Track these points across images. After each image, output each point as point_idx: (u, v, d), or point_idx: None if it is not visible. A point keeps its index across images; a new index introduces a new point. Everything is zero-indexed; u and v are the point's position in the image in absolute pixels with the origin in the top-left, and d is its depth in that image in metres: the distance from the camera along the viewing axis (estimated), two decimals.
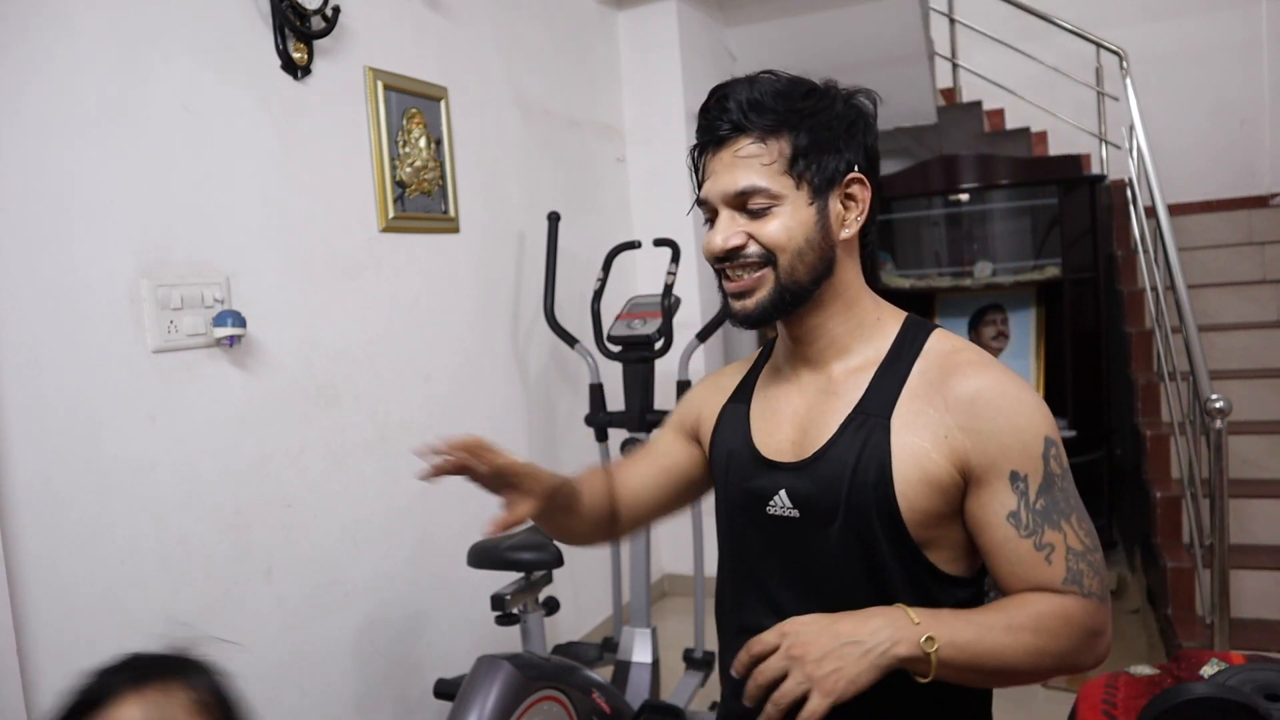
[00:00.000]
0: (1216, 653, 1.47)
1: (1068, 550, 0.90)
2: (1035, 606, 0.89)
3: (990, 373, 0.93)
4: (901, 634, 0.84)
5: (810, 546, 0.98)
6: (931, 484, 0.92)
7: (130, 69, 1.70)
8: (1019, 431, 0.90)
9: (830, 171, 0.95)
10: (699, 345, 2.53)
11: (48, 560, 1.53)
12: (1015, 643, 0.87)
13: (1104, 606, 0.91)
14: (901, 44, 4.10)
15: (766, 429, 1.04)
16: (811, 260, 0.95)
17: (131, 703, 0.74)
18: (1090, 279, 3.85)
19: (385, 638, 2.26)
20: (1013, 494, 0.90)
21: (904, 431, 0.93)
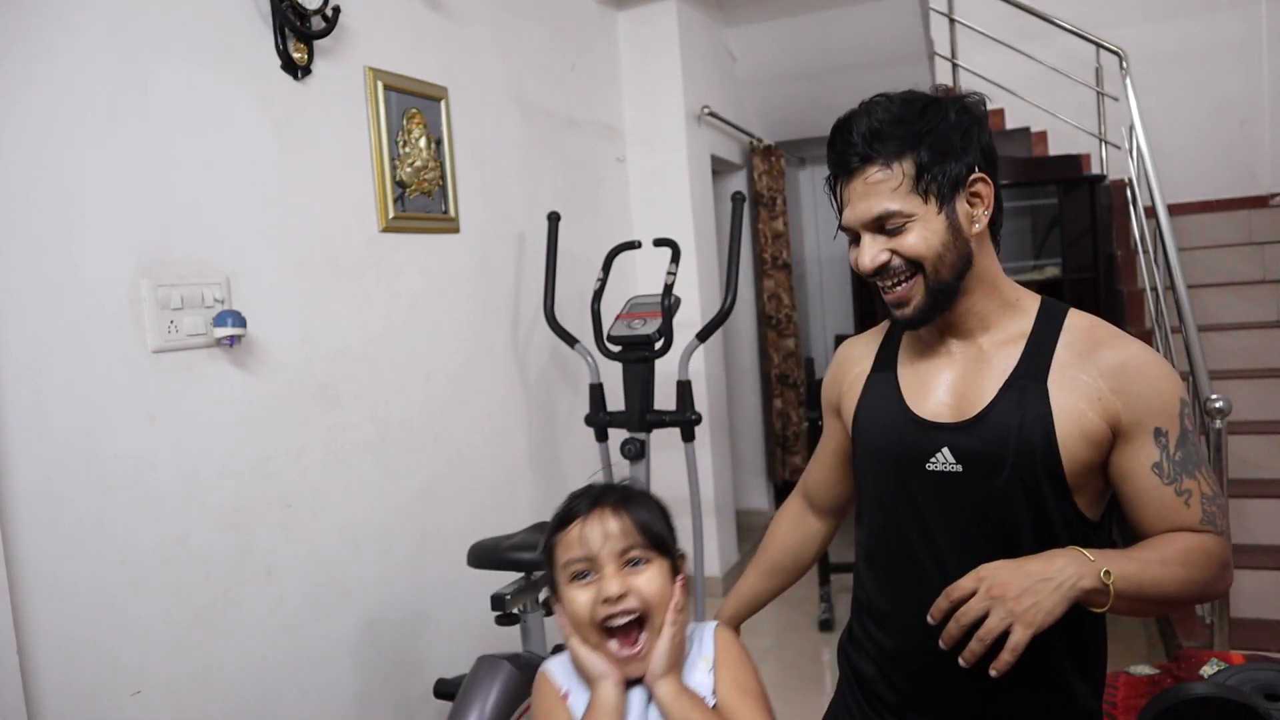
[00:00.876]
0: (1216, 653, 1.47)
1: (1202, 495, 1.05)
2: (1183, 543, 1.03)
3: (1132, 344, 1.07)
4: (1084, 569, 0.97)
5: (973, 498, 1.09)
6: (1088, 439, 1.05)
7: (130, 69, 1.70)
8: (1161, 393, 1.04)
9: (953, 179, 1.06)
10: (699, 345, 2.53)
11: (48, 560, 1.53)
12: (1170, 574, 1.01)
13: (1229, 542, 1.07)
14: (901, 44, 4.10)
15: (920, 394, 1.15)
16: (951, 260, 1.07)
17: (594, 516, 0.99)
18: (1090, 279, 3.85)
19: (385, 638, 2.26)
20: (1156, 447, 1.04)
21: (1061, 395, 1.06)
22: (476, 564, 2.03)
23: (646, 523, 0.99)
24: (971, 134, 1.08)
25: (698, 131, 3.81)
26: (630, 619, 0.96)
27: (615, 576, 0.96)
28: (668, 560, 1.00)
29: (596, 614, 0.95)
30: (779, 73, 4.36)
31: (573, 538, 0.99)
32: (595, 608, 0.95)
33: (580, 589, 0.97)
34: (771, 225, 4.64)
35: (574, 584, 0.98)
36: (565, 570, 0.99)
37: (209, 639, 1.80)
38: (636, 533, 0.98)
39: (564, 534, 1.00)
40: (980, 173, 1.07)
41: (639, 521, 0.99)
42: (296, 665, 2.00)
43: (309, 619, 2.04)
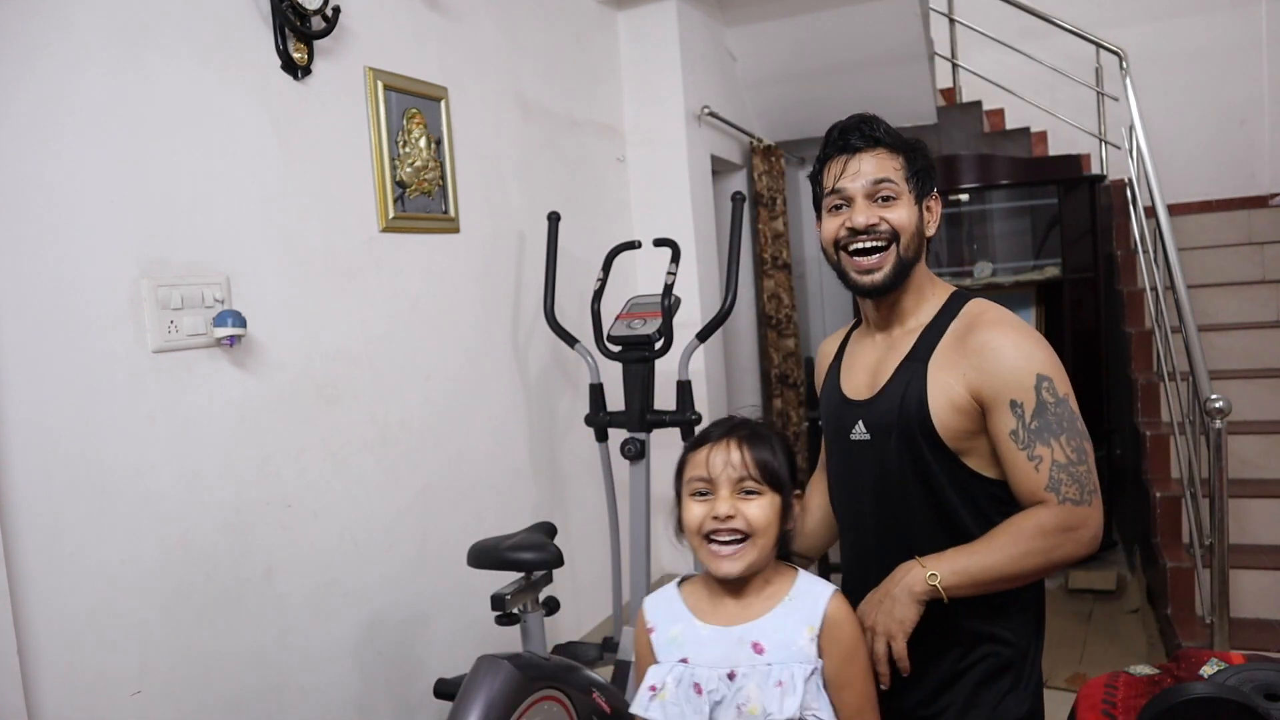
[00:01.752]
0: (1216, 653, 1.47)
1: (1053, 462, 1.19)
2: (1015, 523, 1.20)
3: (1000, 328, 1.24)
4: (914, 578, 1.18)
5: (879, 462, 1.31)
6: (956, 408, 1.24)
7: (130, 69, 1.70)
8: (1015, 370, 1.20)
9: (926, 186, 1.34)
10: (699, 345, 2.53)
11: (48, 560, 1.53)
12: (1001, 555, 1.18)
13: (1078, 508, 1.18)
14: (901, 44, 4.10)
15: (850, 377, 1.41)
16: (916, 245, 1.32)
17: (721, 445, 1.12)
18: (1090, 279, 3.85)
19: (385, 638, 2.26)
20: (1012, 417, 1.20)
21: (938, 372, 1.26)
22: (476, 564, 2.03)
23: (764, 460, 1.12)
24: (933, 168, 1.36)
25: (698, 131, 3.81)
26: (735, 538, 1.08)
27: (728, 500, 1.10)
28: (779, 495, 1.13)
29: (705, 526, 1.10)
30: (779, 73, 4.36)
31: (700, 459, 1.13)
32: (705, 521, 1.10)
33: (698, 503, 1.12)
34: (771, 225, 4.64)
35: (693, 498, 1.13)
36: (689, 485, 1.14)
37: (209, 639, 1.80)
38: (754, 466, 1.11)
39: (694, 454, 1.15)
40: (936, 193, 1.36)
41: (758, 458, 1.11)
42: (296, 665, 2.00)
43: (309, 619, 2.04)
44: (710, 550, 1.09)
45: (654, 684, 1.09)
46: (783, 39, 4.18)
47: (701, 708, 1.04)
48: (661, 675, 1.08)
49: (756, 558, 1.08)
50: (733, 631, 1.08)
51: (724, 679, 1.05)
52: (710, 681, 1.05)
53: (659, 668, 1.10)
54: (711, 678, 1.05)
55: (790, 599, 1.10)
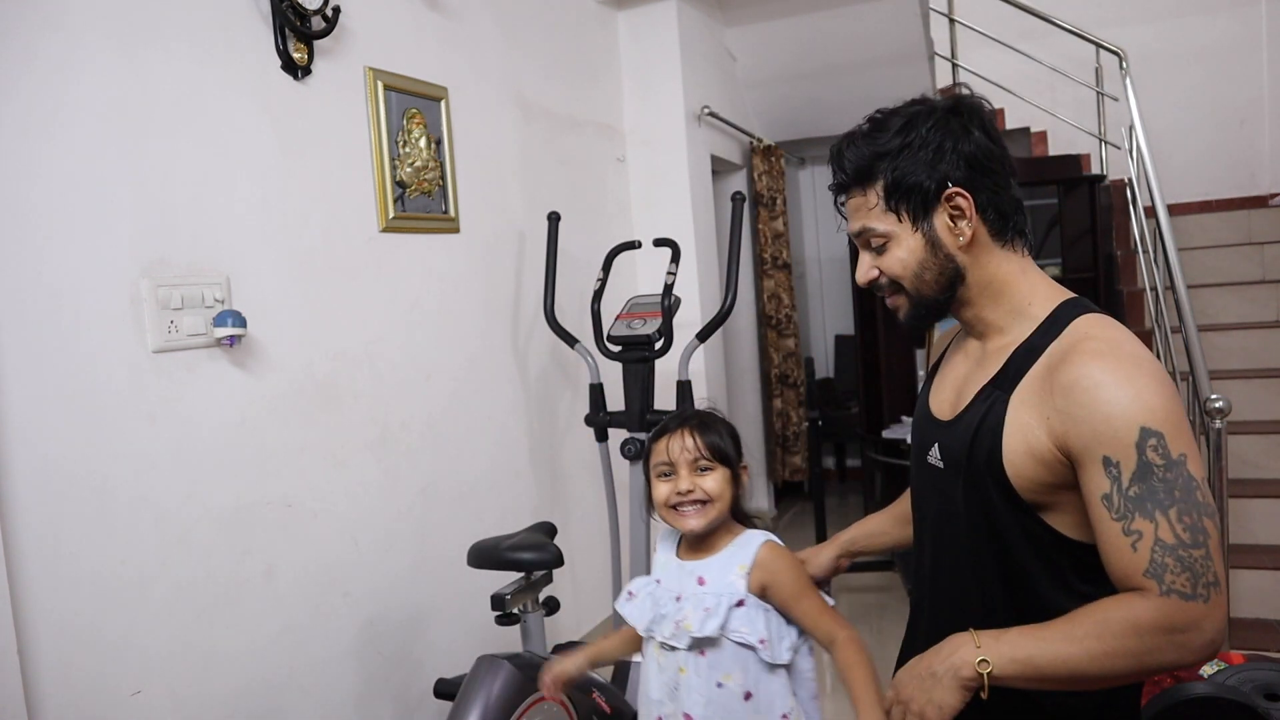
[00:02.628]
0: None
1: (1156, 540, 0.92)
2: (1101, 613, 0.94)
3: (1099, 361, 0.97)
4: (962, 658, 0.97)
5: (949, 496, 1.11)
6: (1035, 456, 1.00)
7: (130, 69, 1.70)
8: (1110, 419, 0.94)
9: (924, 197, 1.05)
10: (699, 345, 2.53)
11: (48, 560, 1.53)
12: (1080, 650, 0.93)
13: (1189, 604, 0.91)
14: (901, 44, 4.10)
15: (938, 390, 1.21)
16: (933, 277, 1.08)
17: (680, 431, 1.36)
18: (1090, 279, 3.85)
19: (385, 637, 2.26)
20: (1105, 478, 0.95)
21: (1020, 407, 1.03)
22: (476, 564, 2.03)
23: (712, 442, 1.35)
24: (945, 147, 1.05)
25: (698, 131, 3.81)
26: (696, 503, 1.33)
27: (686, 478, 1.34)
28: (728, 469, 1.36)
29: (671, 499, 1.34)
30: (779, 73, 4.36)
31: (661, 447, 1.37)
32: (671, 496, 1.34)
33: (663, 483, 1.36)
34: (771, 225, 4.64)
35: (659, 479, 1.37)
36: (655, 469, 1.38)
37: (209, 639, 1.80)
38: (705, 448, 1.34)
39: (657, 443, 1.38)
40: (956, 187, 1.04)
41: (708, 441, 1.35)
42: (296, 665, 2.00)
43: (309, 619, 2.04)
44: (678, 514, 1.34)
45: (632, 590, 1.41)
46: (783, 39, 4.18)
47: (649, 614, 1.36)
48: (639, 586, 1.41)
49: (714, 516, 1.34)
50: (687, 566, 1.37)
51: (673, 600, 1.35)
52: (664, 601, 1.36)
53: (641, 580, 1.42)
54: (666, 598, 1.36)
55: (732, 546, 1.36)
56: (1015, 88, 4.54)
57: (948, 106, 1.07)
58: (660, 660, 1.34)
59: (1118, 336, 1.01)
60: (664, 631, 1.32)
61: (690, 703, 1.30)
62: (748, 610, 1.29)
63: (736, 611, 1.29)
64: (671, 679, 1.33)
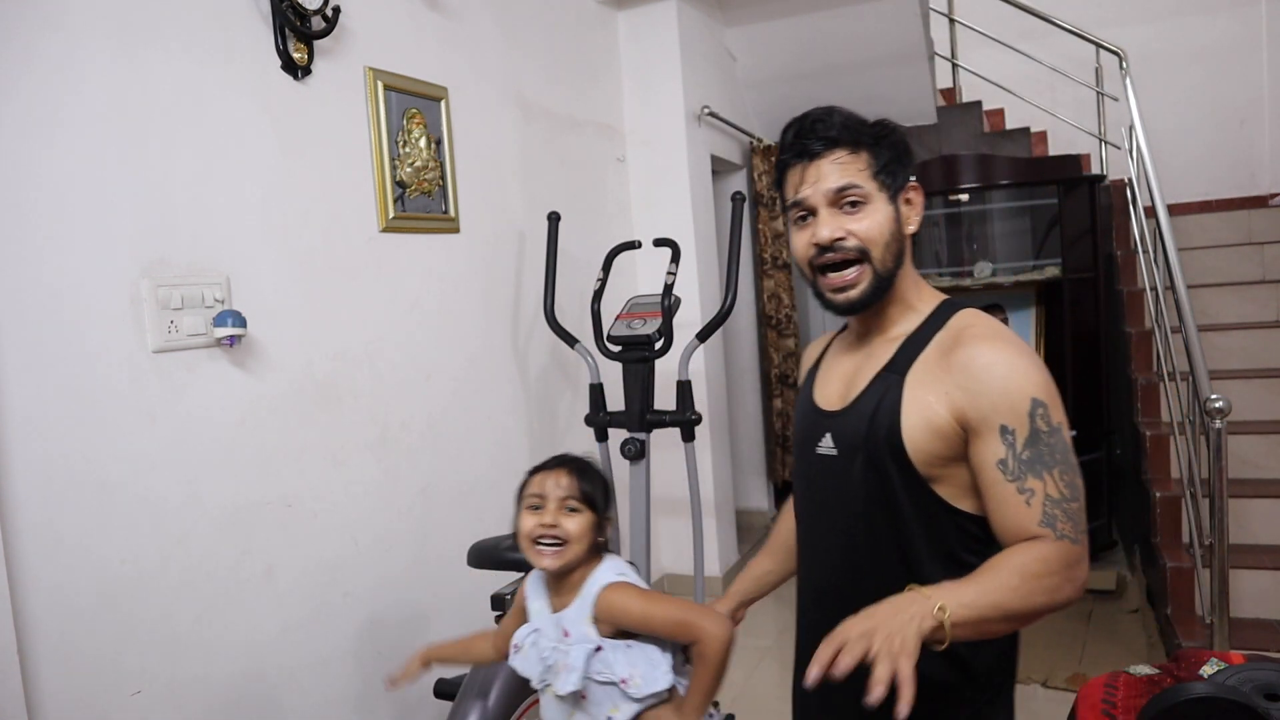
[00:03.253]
0: (1216, 652, 1.47)
1: (1046, 497, 1.06)
2: (1015, 558, 1.04)
3: (991, 343, 1.10)
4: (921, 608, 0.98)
5: (843, 479, 1.20)
6: (933, 429, 1.11)
7: (130, 68, 1.70)
8: (1007, 392, 1.07)
9: (901, 180, 1.20)
10: (699, 345, 2.53)
11: (48, 560, 1.53)
12: (1009, 590, 1.02)
13: (1075, 546, 1.06)
14: (901, 44, 4.10)
15: (824, 385, 1.29)
16: (895, 251, 1.18)
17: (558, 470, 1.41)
18: (1090, 279, 3.85)
19: (385, 637, 2.26)
20: (1002, 444, 1.07)
21: (915, 387, 1.13)
22: (476, 564, 2.03)
23: (584, 487, 1.41)
24: (910, 152, 1.22)
25: (698, 131, 3.81)
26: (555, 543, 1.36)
27: (553, 513, 1.37)
28: (594, 514, 1.40)
29: (534, 532, 1.37)
30: (779, 73, 4.36)
31: (537, 481, 1.42)
32: (535, 528, 1.37)
33: (530, 515, 1.39)
34: (771, 225, 4.64)
35: (527, 511, 1.40)
36: (526, 500, 1.41)
37: (209, 639, 1.80)
38: (576, 490, 1.40)
39: (533, 478, 1.43)
40: (915, 183, 1.21)
41: (580, 484, 1.41)
42: (296, 665, 2.00)
43: (309, 619, 2.04)
44: (536, 550, 1.38)
45: (516, 643, 1.45)
46: (783, 39, 4.18)
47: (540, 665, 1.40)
48: (522, 637, 1.45)
49: (570, 559, 1.37)
50: (554, 618, 1.41)
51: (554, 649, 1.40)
52: (545, 649, 1.40)
53: (523, 630, 1.45)
54: (546, 646, 1.41)
55: (582, 593, 1.39)
56: (1015, 88, 4.54)
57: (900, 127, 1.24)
58: (557, 705, 1.42)
59: (995, 325, 1.15)
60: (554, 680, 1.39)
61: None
62: (606, 654, 1.36)
63: (597, 657, 1.36)
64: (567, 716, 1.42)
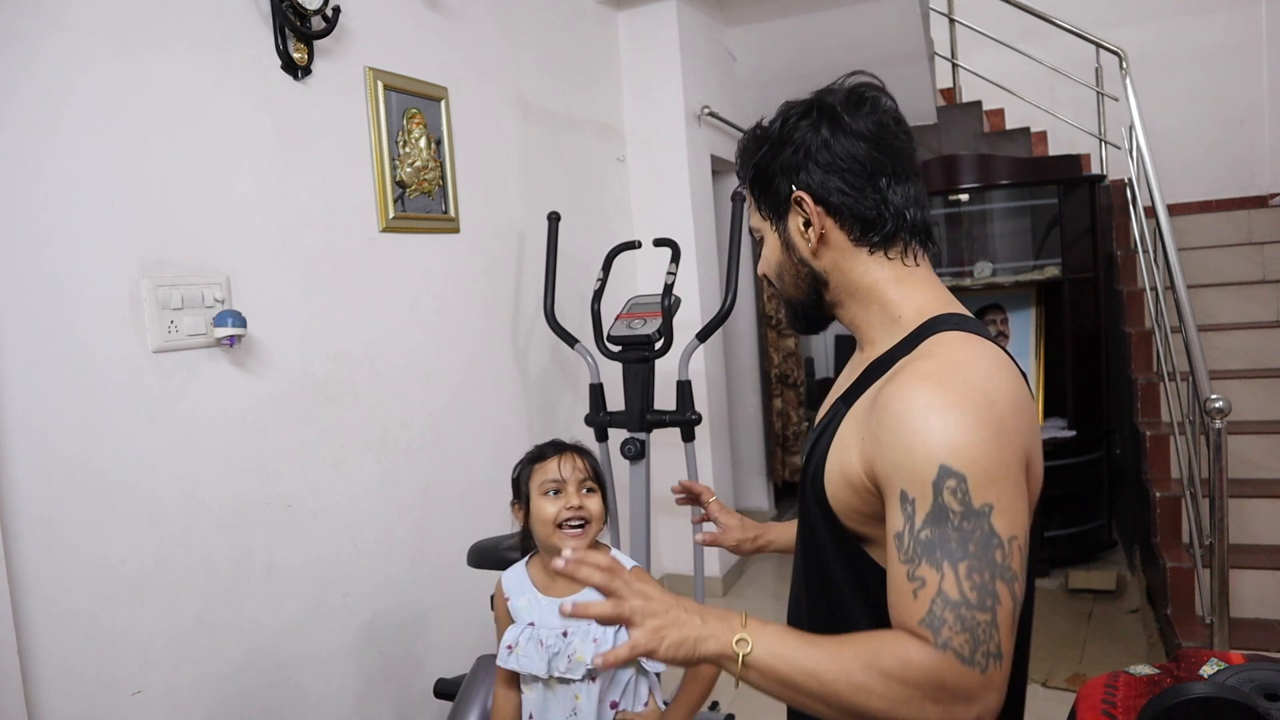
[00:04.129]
0: (1216, 652, 1.47)
1: (939, 593, 0.80)
2: (877, 641, 0.83)
3: (921, 384, 0.86)
4: (720, 634, 0.84)
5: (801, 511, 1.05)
6: (847, 480, 0.91)
7: (130, 68, 1.70)
8: (911, 450, 0.83)
9: (775, 201, 1.01)
10: (699, 345, 2.53)
11: (48, 560, 1.53)
12: (838, 668, 0.82)
13: (964, 667, 0.79)
14: (901, 44, 4.10)
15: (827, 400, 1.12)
16: (791, 278, 1.04)
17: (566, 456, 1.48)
18: (1090, 279, 3.85)
19: (385, 637, 2.26)
20: (900, 514, 0.84)
21: (846, 426, 0.94)
22: (476, 564, 2.03)
23: (595, 467, 1.50)
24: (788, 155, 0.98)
25: (698, 131, 3.81)
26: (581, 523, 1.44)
27: (576, 495, 1.45)
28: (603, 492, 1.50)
29: (560, 517, 1.42)
30: (779, 73, 4.36)
31: (551, 466, 1.46)
32: (560, 512, 1.42)
33: (550, 501, 1.44)
34: None
35: (545, 497, 1.45)
36: (541, 487, 1.46)
37: (209, 639, 1.80)
38: (591, 471, 1.48)
39: (544, 464, 1.47)
40: (799, 190, 0.97)
41: (591, 464, 1.49)
42: (296, 665, 2.00)
43: (309, 619, 2.04)
44: (562, 533, 1.42)
45: (510, 643, 1.45)
46: (783, 39, 4.18)
47: (544, 657, 1.41)
48: (515, 635, 1.45)
49: (594, 535, 1.44)
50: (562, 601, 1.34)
51: (560, 637, 1.42)
52: (550, 639, 1.42)
53: (514, 628, 1.46)
54: (551, 636, 1.42)
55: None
56: (1015, 88, 4.54)
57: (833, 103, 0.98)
58: (555, 694, 1.45)
59: (961, 358, 0.88)
60: (560, 667, 1.42)
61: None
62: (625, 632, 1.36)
63: (620, 635, 1.39)
64: (568, 706, 1.45)
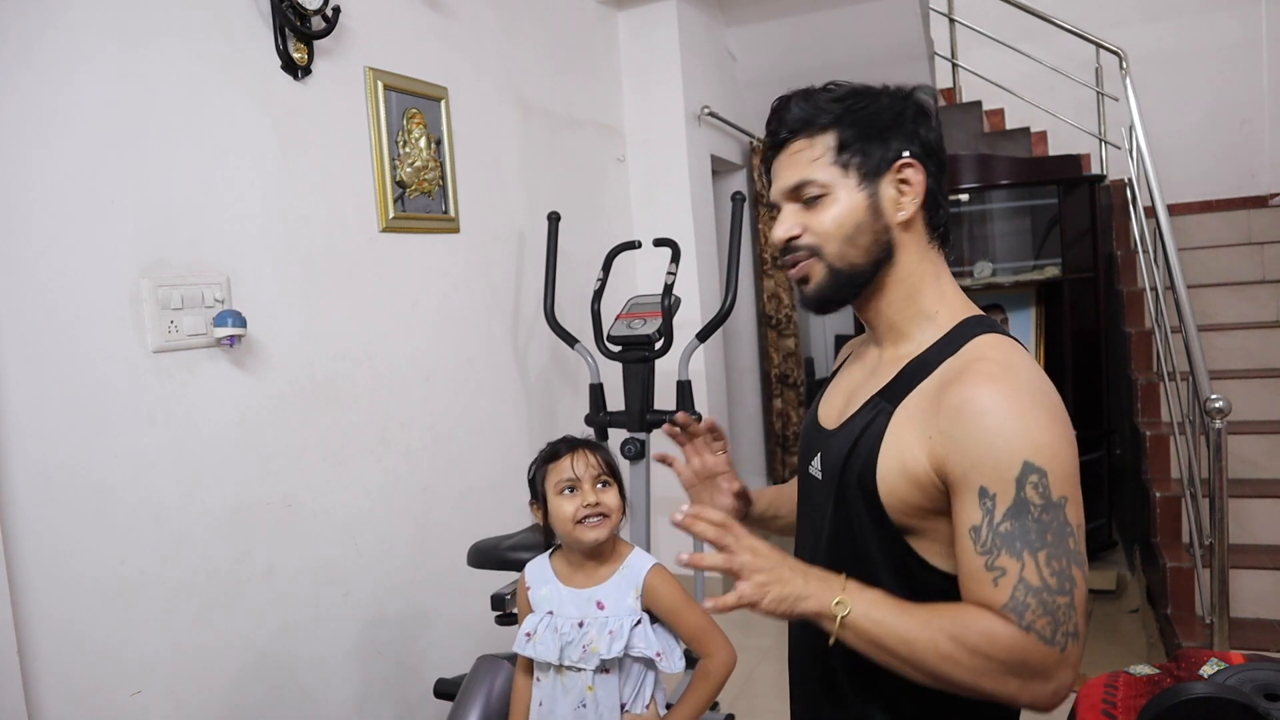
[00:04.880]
0: (1216, 652, 1.47)
1: (1020, 580, 0.86)
2: (965, 615, 0.89)
3: (993, 385, 0.90)
4: (820, 594, 0.90)
5: (824, 508, 1.06)
6: (909, 478, 0.94)
7: (130, 68, 1.70)
8: (994, 449, 0.88)
9: (877, 159, 1.00)
10: (699, 345, 2.53)
11: (48, 559, 1.53)
12: (927, 638, 0.88)
13: (1045, 647, 0.86)
14: (901, 44, 4.10)
15: (830, 396, 1.15)
16: (866, 243, 1.01)
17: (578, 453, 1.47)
18: (1090, 279, 3.85)
19: (385, 638, 2.26)
20: (979, 509, 0.89)
21: (903, 423, 0.97)
22: (476, 564, 2.03)
23: (609, 461, 1.50)
24: (905, 119, 1.02)
25: (698, 131, 3.81)
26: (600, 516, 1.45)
27: (592, 492, 1.45)
28: (619, 485, 1.51)
29: (578, 514, 1.44)
30: (779, 73, 4.36)
31: (565, 465, 1.47)
32: (579, 510, 1.43)
33: (567, 500, 1.45)
34: (772, 225, 4.65)
35: (561, 495, 1.46)
36: (557, 486, 1.46)
37: (209, 639, 1.80)
38: (605, 466, 1.48)
39: (557, 463, 1.48)
40: (911, 158, 1.00)
41: (604, 459, 1.49)
42: (296, 665, 2.00)
43: (309, 619, 2.04)
44: (584, 527, 1.44)
45: (529, 631, 1.48)
46: (783, 39, 4.18)
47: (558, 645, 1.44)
48: (534, 623, 1.47)
49: (613, 528, 1.47)
50: (583, 593, 1.47)
51: (575, 627, 1.45)
52: (566, 628, 1.44)
53: (532, 617, 1.48)
54: (567, 625, 1.45)
55: (623, 569, 1.47)
56: (1015, 88, 4.54)
57: (910, 92, 1.04)
58: (565, 683, 1.46)
59: (1016, 361, 0.94)
60: (573, 656, 1.44)
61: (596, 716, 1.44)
62: (644, 628, 1.45)
63: (636, 630, 1.44)
64: (578, 698, 1.45)
